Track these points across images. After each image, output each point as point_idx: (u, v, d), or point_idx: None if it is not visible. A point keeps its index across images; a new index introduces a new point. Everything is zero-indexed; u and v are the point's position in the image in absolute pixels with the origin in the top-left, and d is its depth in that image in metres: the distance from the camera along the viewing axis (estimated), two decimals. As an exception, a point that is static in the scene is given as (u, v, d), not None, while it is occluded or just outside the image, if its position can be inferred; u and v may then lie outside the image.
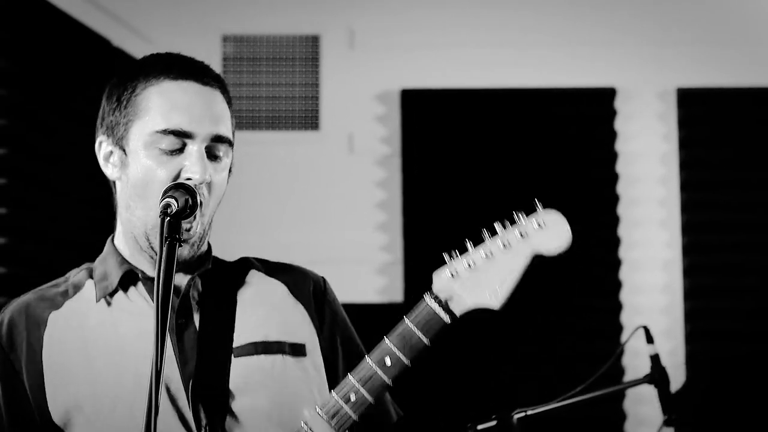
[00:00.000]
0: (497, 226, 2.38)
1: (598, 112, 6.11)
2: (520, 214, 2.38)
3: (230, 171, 2.59)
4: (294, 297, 2.67)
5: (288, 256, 2.83)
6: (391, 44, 6.17)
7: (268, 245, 5.79)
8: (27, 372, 2.51)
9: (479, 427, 3.56)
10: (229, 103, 2.59)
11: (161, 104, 2.49)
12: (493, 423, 3.55)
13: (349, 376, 2.38)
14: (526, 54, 6.14)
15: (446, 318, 2.37)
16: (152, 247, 2.51)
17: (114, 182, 2.59)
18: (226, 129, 2.54)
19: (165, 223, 2.30)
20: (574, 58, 6.15)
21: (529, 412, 3.57)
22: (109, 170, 2.57)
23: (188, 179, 2.45)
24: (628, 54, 6.16)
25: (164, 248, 2.26)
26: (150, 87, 2.51)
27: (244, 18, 6.18)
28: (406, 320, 2.37)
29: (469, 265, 2.37)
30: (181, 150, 2.48)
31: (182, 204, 2.34)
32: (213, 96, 2.54)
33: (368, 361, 2.38)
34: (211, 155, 2.51)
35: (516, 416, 3.54)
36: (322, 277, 2.76)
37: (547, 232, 2.36)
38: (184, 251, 2.50)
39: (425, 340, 2.36)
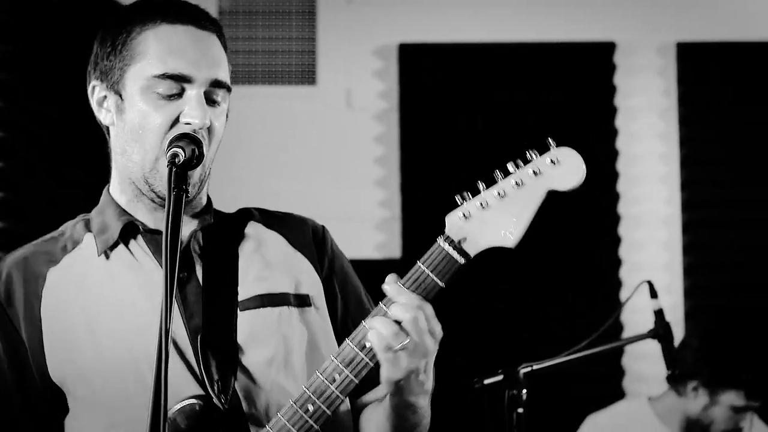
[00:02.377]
0: (510, 165, 2.34)
1: (598, 67, 6.07)
2: (532, 152, 2.34)
3: (227, 116, 2.56)
4: (294, 247, 2.65)
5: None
6: (389, -2, 6.13)
7: (264, 201, 5.73)
8: (25, 327, 2.48)
9: (486, 381, 3.55)
10: (225, 48, 2.55)
11: (159, 48, 2.46)
12: (500, 377, 3.55)
13: (363, 323, 2.33)
14: (525, 8, 6.10)
15: (461, 259, 2.32)
16: (153, 191, 2.48)
17: (107, 128, 2.56)
18: (224, 74, 2.51)
19: (171, 173, 2.27)
20: (574, 12, 6.11)
21: (535, 367, 3.57)
22: (103, 115, 2.54)
23: (187, 123, 2.42)
24: (627, 8, 6.12)
25: (171, 199, 2.23)
26: (146, 31, 2.47)
27: (239, -29, 6.13)
28: (420, 264, 2.32)
29: (482, 205, 2.33)
30: (179, 95, 2.45)
31: (189, 154, 2.33)
32: (211, 40, 2.51)
33: (382, 307, 2.33)
34: (210, 100, 2.48)
35: (522, 371, 3.54)
36: (322, 225, 2.74)
37: (561, 167, 2.33)
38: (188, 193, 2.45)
39: (440, 282, 2.32)
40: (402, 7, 6.11)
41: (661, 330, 3.89)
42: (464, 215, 2.33)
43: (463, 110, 6.05)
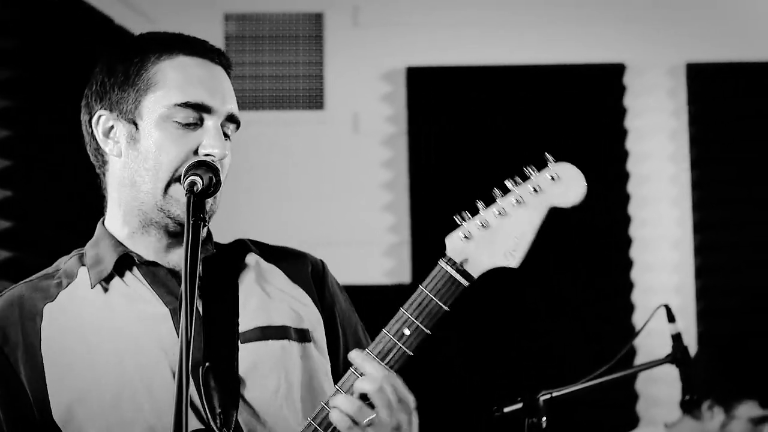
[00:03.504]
0: (508, 182, 2.32)
1: (607, 88, 6.05)
2: (531, 169, 2.32)
3: None
4: (292, 281, 2.62)
5: (293, 238, 2.79)
6: (396, 21, 6.11)
7: (272, 227, 5.74)
8: (24, 366, 2.44)
9: (506, 409, 3.51)
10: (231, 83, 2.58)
11: (178, 78, 2.45)
12: (520, 405, 3.50)
13: (367, 351, 2.31)
14: (533, 31, 6.09)
15: (463, 281, 2.30)
16: (170, 216, 2.45)
17: (106, 161, 2.53)
18: (237, 109, 2.52)
19: (191, 202, 2.26)
20: (583, 33, 6.09)
21: (555, 394, 3.52)
22: (110, 146, 2.51)
23: (207, 155, 2.41)
24: (637, 29, 6.10)
25: (190, 228, 2.22)
26: (163, 61, 2.47)
27: (246, -4, 6.12)
28: (422, 288, 2.30)
29: (483, 225, 2.30)
30: (196, 125, 2.44)
31: (206, 182, 2.32)
32: (224, 75, 2.53)
33: (386, 333, 2.31)
34: (223, 133, 2.48)
35: (542, 398, 3.49)
36: (320, 260, 2.71)
37: (561, 183, 2.31)
38: None
39: (444, 306, 2.30)
40: (409, 30, 6.09)
41: (679, 354, 3.85)
42: (465, 236, 2.31)
43: (471, 133, 6.02)
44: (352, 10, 6.11)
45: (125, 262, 2.51)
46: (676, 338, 3.87)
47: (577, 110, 6.03)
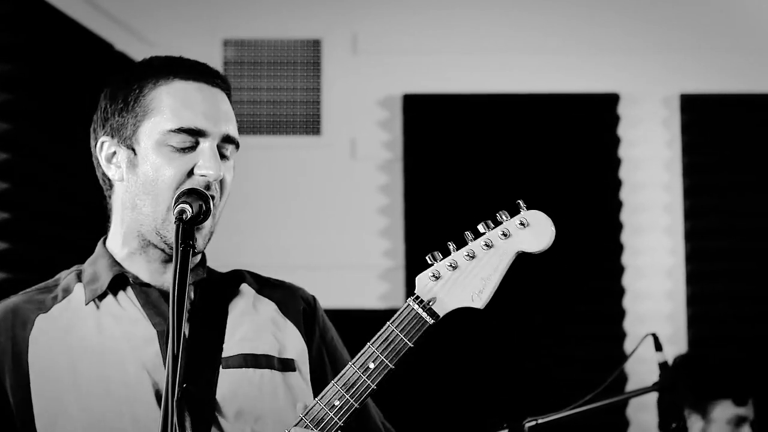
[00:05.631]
0: (480, 226, 2.39)
1: (601, 118, 6.09)
2: (503, 214, 2.39)
3: (233, 170, 2.61)
4: (283, 315, 2.68)
5: (289, 262, 2.82)
6: (394, 49, 6.15)
7: (269, 251, 5.77)
8: (9, 373, 2.49)
9: (491, 436, 3.55)
10: (231, 105, 2.61)
11: (173, 103, 2.50)
12: (505, 432, 3.54)
13: (333, 382, 2.38)
14: (529, 59, 6.13)
15: (429, 320, 2.36)
16: (165, 242, 2.51)
17: (112, 185, 2.59)
18: (234, 130, 2.56)
19: (179, 229, 2.30)
20: (578, 63, 6.14)
21: (540, 421, 3.56)
22: (112, 171, 2.57)
23: (203, 176, 2.47)
24: (631, 59, 6.15)
25: (179, 255, 2.26)
26: (159, 87, 2.53)
27: (244, 22, 6.16)
28: (389, 324, 2.37)
29: (451, 266, 2.38)
30: (192, 148, 2.49)
31: (196, 210, 2.37)
32: (221, 97, 2.57)
33: (352, 366, 2.38)
34: (220, 154, 2.52)
35: (527, 425, 3.53)
36: (312, 296, 2.78)
37: (530, 230, 2.38)
38: (198, 243, 2.50)
39: (409, 342, 2.36)
40: (406, 58, 6.14)
41: (665, 383, 3.89)
42: (434, 275, 2.39)
43: (466, 161, 6.06)
44: (350, 37, 6.16)
45: (120, 281, 2.56)
46: (663, 366, 3.91)
47: (571, 139, 6.07)
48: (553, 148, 6.05)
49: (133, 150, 2.52)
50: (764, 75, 6.13)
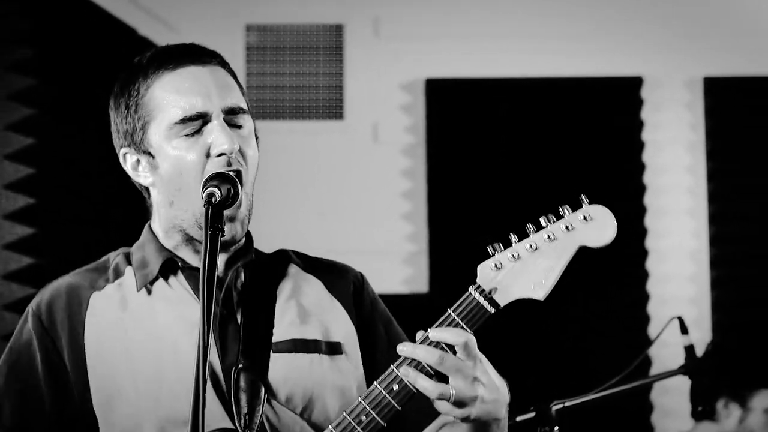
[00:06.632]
0: (542, 220, 2.39)
1: (625, 102, 6.08)
2: (565, 208, 2.39)
3: (257, 138, 2.60)
4: (331, 294, 2.68)
5: (312, 247, 2.82)
6: (416, 33, 6.15)
7: (291, 236, 5.77)
8: (68, 351, 2.52)
9: (518, 419, 3.55)
10: (232, 73, 2.60)
11: (168, 96, 2.51)
12: (532, 415, 3.54)
13: (392, 367, 2.36)
14: (552, 43, 6.12)
15: (491, 309, 2.37)
16: None
17: (147, 188, 2.61)
18: (236, 98, 2.55)
19: (208, 213, 2.31)
20: (601, 47, 6.12)
21: (567, 404, 3.56)
22: (141, 179, 2.59)
23: (220, 153, 2.47)
24: (654, 43, 6.13)
25: (208, 238, 2.27)
26: (152, 84, 2.53)
27: (267, 7, 6.16)
28: (450, 311, 2.36)
29: (514, 257, 2.38)
30: (200, 131, 2.49)
31: (225, 193, 2.37)
32: (214, 72, 2.56)
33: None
34: (231, 125, 2.52)
35: (554, 408, 3.53)
36: (360, 273, 2.77)
37: (593, 224, 2.39)
38: (236, 228, 2.52)
39: (469, 331, 2.36)
40: (428, 42, 6.13)
41: (692, 366, 3.88)
42: (496, 266, 2.38)
43: (489, 144, 6.06)
44: (372, 22, 6.16)
45: (170, 266, 2.58)
46: (689, 350, 3.91)
47: (594, 122, 6.06)
48: (576, 132, 6.04)
49: (150, 154, 2.54)
50: (788, 57, 6.11)
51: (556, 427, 3.53)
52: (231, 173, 2.44)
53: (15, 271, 4.69)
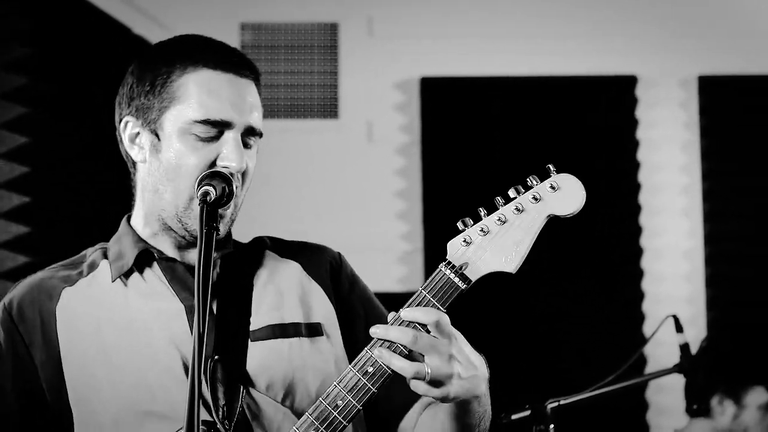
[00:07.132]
0: (511, 191, 2.39)
1: (620, 100, 6.08)
2: (533, 179, 2.38)
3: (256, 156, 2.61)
4: (309, 276, 2.68)
5: (306, 245, 2.81)
6: (411, 32, 6.15)
7: (285, 235, 5.76)
8: (40, 349, 2.52)
9: (513, 417, 3.55)
10: (260, 93, 2.61)
11: (199, 93, 2.50)
12: (527, 413, 3.54)
13: (366, 349, 2.35)
14: (546, 42, 6.12)
15: (462, 284, 2.34)
16: (186, 229, 2.52)
17: (135, 163, 2.60)
18: (259, 121, 2.56)
19: (203, 211, 2.31)
20: (595, 45, 6.12)
21: (562, 402, 3.56)
22: (135, 151, 2.58)
23: (225, 167, 2.47)
24: (649, 42, 6.13)
25: (203, 236, 2.27)
26: (188, 74, 2.51)
27: (262, 6, 6.16)
28: (421, 289, 2.35)
29: (483, 231, 2.37)
30: (216, 138, 2.49)
31: (220, 192, 2.38)
32: (249, 88, 2.56)
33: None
34: (244, 143, 2.52)
35: (549, 406, 3.53)
36: (338, 253, 2.78)
37: (561, 193, 2.37)
38: (223, 228, 2.52)
39: (441, 308, 2.33)
40: (423, 41, 6.13)
41: (686, 364, 3.89)
42: (465, 241, 2.38)
43: (484, 143, 6.06)
44: (367, 21, 6.16)
45: (145, 257, 2.58)
46: (684, 348, 3.91)
47: (589, 121, 6.06)
48: (570, 130, 6.05)
49: (157, 135, 2.53)
50: (782, 56, 6.12)
51: (552, 426, 3.53)
52: (226, 171, 2.44)
53: (10, 269, 4.69)
